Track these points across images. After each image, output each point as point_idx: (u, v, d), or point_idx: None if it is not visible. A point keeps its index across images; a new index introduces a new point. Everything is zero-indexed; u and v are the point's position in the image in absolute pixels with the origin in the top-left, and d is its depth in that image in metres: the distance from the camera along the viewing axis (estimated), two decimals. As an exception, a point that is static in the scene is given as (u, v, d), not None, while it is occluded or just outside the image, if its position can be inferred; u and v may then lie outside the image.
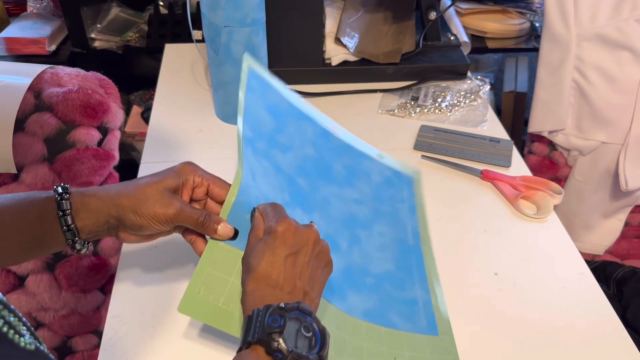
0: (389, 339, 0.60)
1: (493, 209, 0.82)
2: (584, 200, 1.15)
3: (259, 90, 0.65)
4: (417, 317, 0.63)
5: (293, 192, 0.63)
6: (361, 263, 0.65)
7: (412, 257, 0.69)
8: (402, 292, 0.65)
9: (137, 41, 1.41)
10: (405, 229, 0.72)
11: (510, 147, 0.92)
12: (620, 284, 0.97)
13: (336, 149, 0.73)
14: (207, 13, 0.84)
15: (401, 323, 0.62)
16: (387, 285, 0.65)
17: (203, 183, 0.57)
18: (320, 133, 0.72)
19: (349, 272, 0.63)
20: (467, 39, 1.24)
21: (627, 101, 1.05)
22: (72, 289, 0.85)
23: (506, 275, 0.71)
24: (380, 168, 0.77)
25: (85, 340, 0.89)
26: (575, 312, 0.67)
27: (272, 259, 0.49)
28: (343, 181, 0.71)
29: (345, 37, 1.07)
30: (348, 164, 0.73)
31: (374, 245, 0.68)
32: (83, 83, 0.81)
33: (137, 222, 0.53)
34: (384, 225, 0.71)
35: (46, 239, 0.52)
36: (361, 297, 0.62)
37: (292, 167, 0.65)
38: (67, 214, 0.51)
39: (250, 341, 0.44)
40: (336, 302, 0.59)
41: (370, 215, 0.70)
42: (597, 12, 1.02)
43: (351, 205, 0.69)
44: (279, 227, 0.50)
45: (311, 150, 0.69)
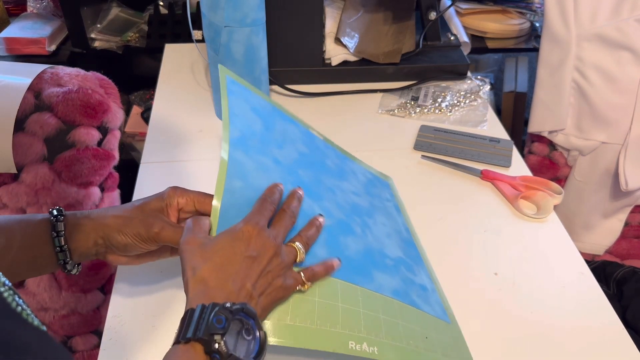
0: (418, 319, 0.60)
1: (493, 209, 0.82)
2: (584, 200, 1.15)
3: (239, 94, 0.65)
4: (432, 302, 0.64)
5: (297, 183, 0.62)
6: (377, 246, 0.65)
7: (411, 248, 0.71)
8: (414, 276, 0.66)
9: (137, 41, 1.41)
10: (397, 223, 0.74)
11: (510, 147, 0.92)
12: (620, 284, 0.97)
13: (322, 149, 0.74)
14: (207, 13, 0.84)
15: (423, 305, 0.62)
16: (403, 268, 0.65)
17: (188, 202, 0.59)
18: (304, 133, 0.73)
19: (370, 253, 0.63)
20: (467, 39, 1.24)
21: (627, 101, 1.05)
22: (72, 288, 0.85)
23: (506, 275, 0.71)
24: (362, 170, 0.79)
25: (86, 340, 0.89)
26: (575, 312, 0.67)
27: (230, 254, 0.49)
28: (338, 175, 0.72)
29: (345, 37, 1.07)
30: (336, 163, 0.75)
31: (381, 233, 0.68)
32: (83, 83, 0.81)
33: (122, 242, 0.55)
34: (382, 217, 0.72)
35: (38, 260, 0.55)
36: (386, 276, 0.62)
37: (291, 159, 0.65)
38: (61, 235, 0.54)
39: (189, 337, 0.44)
40: (364, 283, 0.59)
41: (369, 207, 0.71)
42: (597, 12, 1.02)
43: (352, 197, 0.70)
44: (245, 227, 0.51)
45: (303, 147, 0.70)
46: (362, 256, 0.62)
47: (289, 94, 1.05)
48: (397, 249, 0.68)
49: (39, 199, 0.79)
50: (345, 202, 0.68)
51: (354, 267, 0.60)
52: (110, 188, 0.87)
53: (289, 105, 1.02)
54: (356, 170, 0.78)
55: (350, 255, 0.61)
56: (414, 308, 0.61)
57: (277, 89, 1.05)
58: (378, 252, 0.65)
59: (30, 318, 0.35)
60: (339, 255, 0.59)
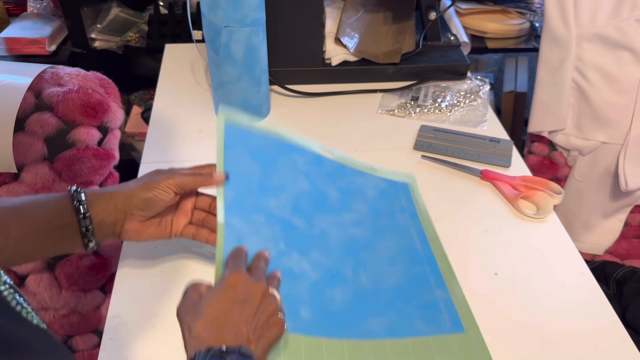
0: (417, 348, 0.60)
1: (493, 209, 0.82)
2: (583, 201, 1.15)
3: (239, 143, 0.66)
4: (440, 319, 0.64)
5: (289, 238, 0.64)
6: (370, 284, 0.65)
7: (424, 261, 0.70)
8: (420, 298, 0.65)
9: (137, 41, 1.41)
10: (410, 236, 0.73)
11: (510, 147, 0.92)
12: (620, 284, 0.97)
13: (329, 174, 0.73)
14: (207, 13, 0.84)
15: (426, 328, 0.62)
16: (403, 296, 0.65)
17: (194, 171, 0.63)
18: (311, 160, 0.73)
19: (360, 297, 0.63)
20: (467, 39, 1.24)
21: (627, 101, 1.05)
22: (73, 288, 0.85)
23: (506, 275, 0.71)
24: (375, 182, 0.77)
25: (86, 340, 0.89)
26: (575, 312, 0.67)
27: (221, 304, 0.51)
28: (339, 207, 0.71)
29: (345, 37, 1.07)
30: (342, 187, 0.73)
31: (381, 262, 0.68)
32: (83, 83, 0.81)
33: (144, 196, 0.59)
34: (388, 239, 0.71)
35: (62, 231, 0.56)
36: (379, 317, 0.62)
37: (287, 209, 0.66)
38: (82, 203, 0.57)
39: None
40: (351, 335, 0.59)
41: (371, 235, 0.71)
42: (597, 12, 1.02)
43: (350, 230, 0.70)
44: (231, 277, 0.53)
45: (304, 184, 0.70)
46: (351, 305, 0.62)
47: (289, 94, 1.05)
48: (400, 274, 0.68)
49: (39, 199, 0.79)
50: (339, 243, 0.67)
51: (341, 321, 0.60)
52: (111, 188, 0.87)
53: (289, 105, 1.02)
54: (367, 185, 0.76)
55: (337, 309, 0.61)
56: (413, 338, 0.60)
57: (277, 89, 1.05)
58: (371, 292, 0.64)
59: (30, 316, 0.35)
60: (325, 313, 0.60)
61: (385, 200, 0.76)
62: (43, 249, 0.57)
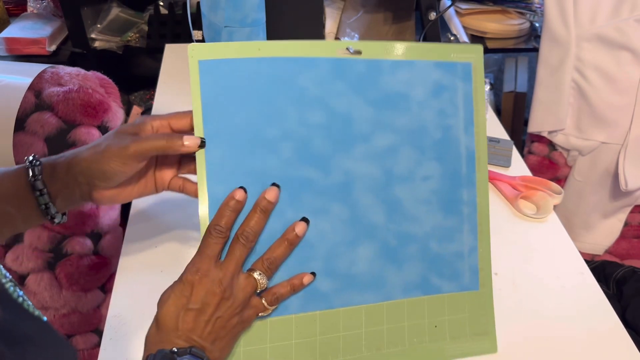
0: (431, 306, 0.58)
1: (493, 209, 0.81)
2: (583, 200, 1.15)
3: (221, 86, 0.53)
4: (461, 273, 0.60)
5: (298, 201, 0.55)
6: (402, 232, 0.58)
7: (464, 191, 0.60)
8: (448, 245, 0.60)
9: (137, 41, 1.41)
10: (457, 153, 0.60)
11: (510, 147, 0.92)
12: (620, 283, 0.98)
13: (357, 83, 0.56)
14: (207, 13, 0.84)
15: (445, 285, 0.59)
16: (433, 242, 0.59)
17: (163, 124, 0.55)
18: (328, 74, 0.56)
19: (387, 251, 0.57)
20: (467, 39, 1.24)
21: (627, 101, 1.05)
22: (73, 287, 0.85)
23: (506, 275, 0.71)
24: (426, 71, 0.59)
25: (86, 339, 0.89)
26: (575, 312, 0.67)
27: (173, 309, 0.49)
28: (371, 129, 0.57)
29: (345, 37, 1.07)
30: (375, 97, 0.57)
31: (418, 199, 0.59)
32: (83, 82, 0.81)
33: (100, 169, 0.51)
34: (431, 160, 0.59)
35: (22, 211, 0.52)
36: (402, 272, 0.58)
37: (293, 163, 0.55)
38: (38, 179, 0.51)
39: None
40: (371, 298, 0.56)
41: (413, 156, 0.58)
42: (597, 13, 1.02)
43: (385, 158, 0.58)
44: (186, 276, 0.50)
45: (317, 116, 0.55)
46: (376, 262, 0.57)
47: (289, 94, 1.05)
48: (437, 212, 0.59)
49: (40, 199, 0.79)
50: (369, 184, 0.57)
51: (361, 285, 0.56)
52: (111, 188, 0.88)
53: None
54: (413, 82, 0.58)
55: (359, 270, 0.56)
56: (430, 296, 0.58)
57: (277, 89, 1.05)
58: (402, 241, 0.58)
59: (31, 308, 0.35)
60: (345, 278, 0.56)
61: (435, 99, 0.59)
62: (4, 227, 0.53)
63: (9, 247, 0.81)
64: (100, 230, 0.86)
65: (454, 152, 0.59)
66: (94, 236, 0.86)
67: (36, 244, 0.81)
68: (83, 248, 0.84)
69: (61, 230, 0.82)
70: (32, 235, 0.81)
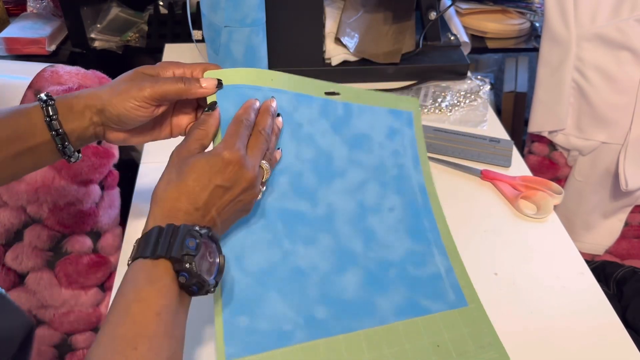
0: (427, 327, 0.60)
1: (493, 209, 0.82)
2: (584, 200, 1.15)
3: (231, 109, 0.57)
4: (444, 292, 0.64)
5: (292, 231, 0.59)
6: (380, 258, 0.63)
7: (424, 220, 0.67)
8: (425, 268, 0.64)
9: (137, 41, 1.41)
10: (412, 187, 0.69)
11: (510, 147, 0.92)
12: (620, 284, 0.97)
13: (336, 123, 0.65)
14: (207, 13, 0.84)
15: (433, 305, 0.62)
16: (410, 266, 0.64)
17: (186, 72, 0.55)
18: (318, 112, 0.64)
19: (371, 277, 0.62)
20: (467, 39, 1.24)
21: (627, 101, 1.05)
22: (72, 286, 0.85)
23: (506, 276, 0.71)
24: (382, 115, 0.69)
25: (86, 338, 0.89)
26: (575, 312, 0.67)
27: (204, 181, 0.49)
28: (345, 165, 0.65)
29: (345, 37, 1.07)
30: (348, 137, 0.66)
31: (388, 228, 0.65)
32: (83, 81, 0.81)
33: (116, 111, 0.52)
34: (393, 194, 0.67)
35: (39, 149, 0.52)
36: (389, 296, 0.61)
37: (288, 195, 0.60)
38: (54, 119, 0.51)
39: (160, 255, 0.44)
40: (366, 323, 0.59)
41: (379, 191, 0.66)
42: (597, 12, 1.02)
43: (357, 192, 0.65)
44: (228, 155, 0.50)
45: (308, 152, 0.62)
46: (362, 288, 0.60)
47: (289, 93, 1.04)
48: (405, 238, 0.65)
49: (39, 197, 0.79)
50: (346, 216, 0.63)
51: (355, 310, 0.59)
52: (110, 186, 0.87)
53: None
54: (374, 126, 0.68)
55: (350, 297, 0.59)
56: (421, 317, 0.61)
57: (277, 89, 1.05)
58: (380, 268, 0.63)
59: None
60: (339, 305, 0.58)
61: (390, 141, 0.69)
62: (18, 168, 0.53)
63: (9, 246, 0.81)
64: (100, 229, 0.86)
65: (409, 186, 0.68)
66: (93, 235, 0.86)
67: (36, 242, 0.81)
68: (83, 247, 0.84)
69: (61, 229, 0.82)
70: (32, 234, 0.81)
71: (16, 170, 0.53)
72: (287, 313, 0.56)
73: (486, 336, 0.62)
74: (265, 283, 0.56)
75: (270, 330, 0.54)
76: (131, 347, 0.40)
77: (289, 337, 0.55)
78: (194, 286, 0.45)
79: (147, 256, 0.45)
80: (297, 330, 0.55)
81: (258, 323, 0.54)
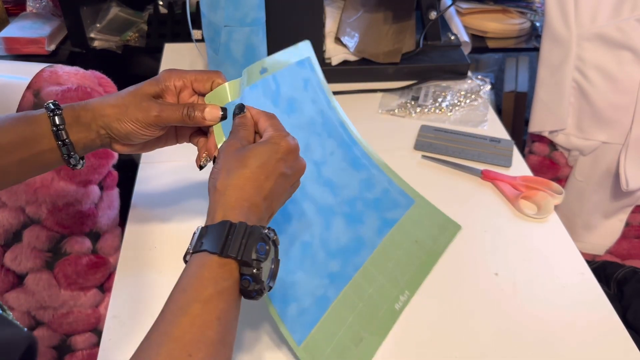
0: (401, 232, 0.73)
1: (493, 209, 0.81)
2: (584, 201, 1.15)
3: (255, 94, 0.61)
4: (397, 200, 0.75)
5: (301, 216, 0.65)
6: (346, 198, 0.71)
7: (354, 149, 0.74)
8: (375, 188, 0.74)
9: (137, 41, 1.40)
10: (335, 126, 0.72)
11: (511, 147, 0.92)
12: (620, 284, 0.97)
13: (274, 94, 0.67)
14: (206, 13, 0.84)
15: (395, 214, 0.74)
16: (367, 193, 0.73)
17: (186, 85, 0.56)
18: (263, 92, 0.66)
19: (349, 218, 0.70)
20: (468, 39, 1.24)
21: (628, 101, 1.04)
22: (71, 287, 0.85)
23: (506, 276, 0.71)
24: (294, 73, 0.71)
25: (85, 339, 0.89)
26: (576, 313, 0.67)
27: (270, 168, 0.48)
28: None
29: (345, 36, 1.07)
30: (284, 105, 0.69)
31: (338, 170, 0.71)
32: (82, 81, 0.81)
33: (123, 130, 0.53)
34: (327, 139, 0.71)
35: (44, 156, 0.52)
36: (366, 224, 0.71)
37: None
38: (61, 129, 0.51)
39: (230, 254, 0.43)
40: (365, 254, 0.69)
41: (318, 142, 0.70)
42: (598, 12, 1.02)
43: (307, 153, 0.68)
44: (287, 143, 0.50)
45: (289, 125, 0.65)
46: (349, 229, 0.69)
47: (288, 93, 1.04)
48: (352, 173, 0.73)
49: (38, 197, 0.79)
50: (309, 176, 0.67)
51: (353, 249, 0.68)
52: (110, 186, 0.87)
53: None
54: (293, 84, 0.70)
55: (345, 242, 0.68)
56: (394, 227, 0.73)
57: (277, 89, 1.05)
58: (351, 207, 0.71)
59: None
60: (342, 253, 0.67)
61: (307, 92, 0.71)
62: (21, 174, 0.53)
63: (8, 247, 0.81)
64: (99, 230, 0.86)
65: (333, 126, 0.73)
66: (92, 236, 0.85)
67: (35, 243, 0.81)
68: (82, 247, 0.84)
69: (60, 229, 0.82)
70: (31, 235, 0.80)
71: (19, 175, 0.53)
72: (315, 281, 0.63)
73: (438, 218, 0.77)
74: (290, 269, 0.61)
75: (312, 302, 0.62)
76: (186, 353, 0.39)
77: (326, 299, 0.63)
78: (254, 292, 0.44)
79: (215, 252, 0.43)
80: (328, 290, 0.63)
81: (303, 302, 0.61)
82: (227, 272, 0.43)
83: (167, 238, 0.75)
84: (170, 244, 0.73)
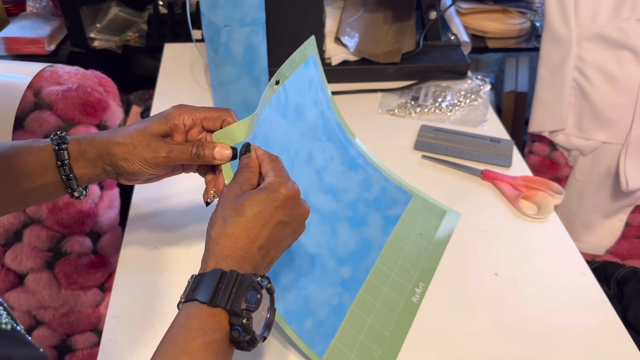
0: (405, 227, 0.74)
1: (493, 209, 0.81)
2: (584, 201, 1.15)
3: None
4: (395, 197, 0.77)
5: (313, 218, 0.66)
6: (348, 202, 0.71)
7: (350, 150, 0.75)
8: (373, 188, 0.75)
9: (137, 41, 1.40)
10: (333, 128, 0.73)
11: (511, 147, 0.92)
12: (620, 284, 0.97)
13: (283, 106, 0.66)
14: (206, 12, 0.84)
15: (396, 210, 0.76)
16: (366, 194, 0.74)
17: (195, 123, 0.55)
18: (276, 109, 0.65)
19: (353, 222, 0.70)
20: (468, 39, 1.24)
21: (628, 101, 1.04)
22: (72, 287, 0.85)
23: (507, 276, 0.71)
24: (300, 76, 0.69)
25: (85, 339, 0.89)
26: (576, 313, 0.67)
27: (267, 216, 0.47)
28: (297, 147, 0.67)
29: (345, 36, 1.07)
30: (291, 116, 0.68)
31: (338, 174, 0.71)
32: (82, 81, 0.81)
33: (130, 169, 0.52)
34: (327, 142, 0.71)
35: (47, 187, 0.52)
36: (370, 225, 0.72)
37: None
38: (65, 164, 0.51)
39: (219, 304, 0.42)
40: (374, 255, 0.70)
41: (320, 147, 0.70)
42: (598, 12, 1.02)
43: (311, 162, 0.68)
44: (287, 191, 0.48)
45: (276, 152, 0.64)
46: (354, 233, 0.70)
47: (289, 93, 1.04)
48: (351, 175, 0.73)
49: (38, 198, 0.79)
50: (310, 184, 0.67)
51: (362, 252, 0.68)
52: (110, 186, 0.87)
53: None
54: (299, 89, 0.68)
55: (353, 247, 0.68)
56: (398, 224, 0.74)
57: (277, 89, 1.05)
58: (353, 210, 0.71)
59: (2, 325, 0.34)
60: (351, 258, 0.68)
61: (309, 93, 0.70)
62: (22, 204, 0.53)
63: (8, 247, 0.81)
64: (100, 230, 0.86)
65: (331, 128, 0.73)
66: (93, 235, 0.85)
67: (35, 243, 0.81)
68: (82, 247, 0.84)
69: (60, 229, 0.82)
70: (31, 235, 0.80)
71: (20, 205, 0.54)
72: (328, 291, 0.63)
73: (435, 208, 0.79)
74: (302, 284, 0.61)
75: (328, 312, 0.62)
76: None
77: (342, 306, 0.63)
78: (245, 342, 0.43)
79: (204, 302, 0.42)
80: (343, 297, 0.64)
81: (319, 315, 0.61)
82: (217, 323, 0.42)
83: (167, 238, 0.75)
84: (170, 244, 0.73)
